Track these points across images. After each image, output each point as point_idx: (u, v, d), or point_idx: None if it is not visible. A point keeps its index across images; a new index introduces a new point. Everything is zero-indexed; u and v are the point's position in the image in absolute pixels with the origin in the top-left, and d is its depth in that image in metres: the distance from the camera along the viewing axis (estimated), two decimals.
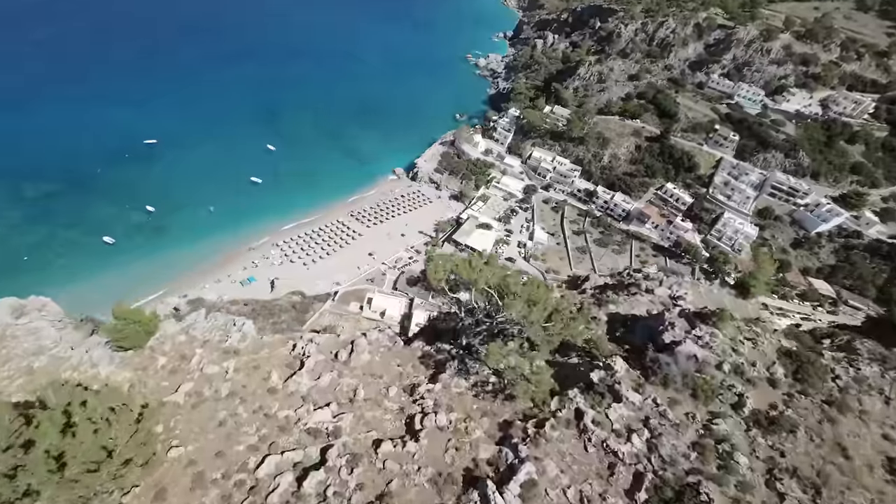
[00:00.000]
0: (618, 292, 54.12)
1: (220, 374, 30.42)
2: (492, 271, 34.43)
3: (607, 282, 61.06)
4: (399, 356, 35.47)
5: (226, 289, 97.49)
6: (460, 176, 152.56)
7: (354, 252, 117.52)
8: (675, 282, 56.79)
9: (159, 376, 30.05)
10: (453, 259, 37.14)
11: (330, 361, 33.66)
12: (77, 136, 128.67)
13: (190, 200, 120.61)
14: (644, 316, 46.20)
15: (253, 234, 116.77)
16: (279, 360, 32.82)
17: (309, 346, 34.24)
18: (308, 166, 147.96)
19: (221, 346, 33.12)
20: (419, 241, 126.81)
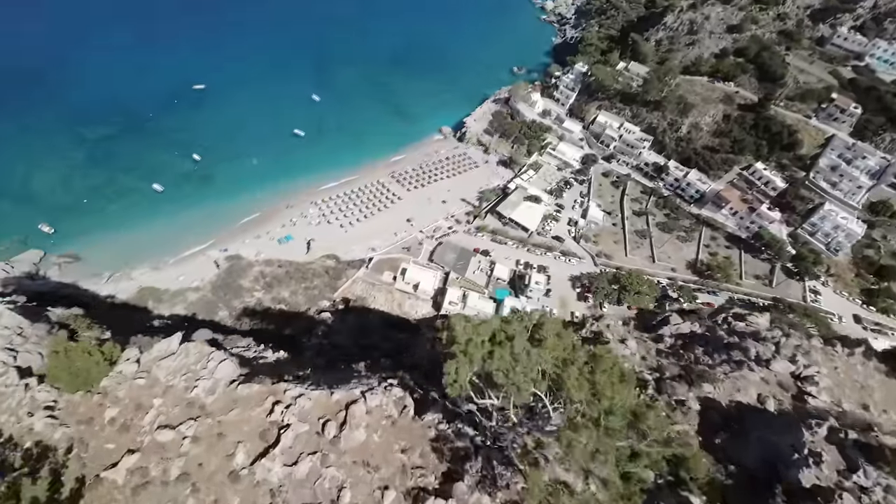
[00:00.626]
0: (713, 355, 39.21)
1: (174, 442, 23.80)
2: (550, 351, 23.33)
3: (695, 329, 46.73)
4: (405, 434, 26.21)
5: (264, 246, 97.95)
6: (511, 139, 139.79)
7: (392, 217, 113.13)
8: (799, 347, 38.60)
9: (105, 435, 24.05)
10: (484, 334, 23.78)
11: (314, 436, 24.86)
12: (132, 80, 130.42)
13: (234, 151, 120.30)
14: (757, 409, 32.68)
15: (293, 190, 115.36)
16: (252, 426, 25.07)
17: (291, 411, 25.93)
18: (352, 120, 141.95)
19: (186, 397, 26.33)
20: (461, 209, 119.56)
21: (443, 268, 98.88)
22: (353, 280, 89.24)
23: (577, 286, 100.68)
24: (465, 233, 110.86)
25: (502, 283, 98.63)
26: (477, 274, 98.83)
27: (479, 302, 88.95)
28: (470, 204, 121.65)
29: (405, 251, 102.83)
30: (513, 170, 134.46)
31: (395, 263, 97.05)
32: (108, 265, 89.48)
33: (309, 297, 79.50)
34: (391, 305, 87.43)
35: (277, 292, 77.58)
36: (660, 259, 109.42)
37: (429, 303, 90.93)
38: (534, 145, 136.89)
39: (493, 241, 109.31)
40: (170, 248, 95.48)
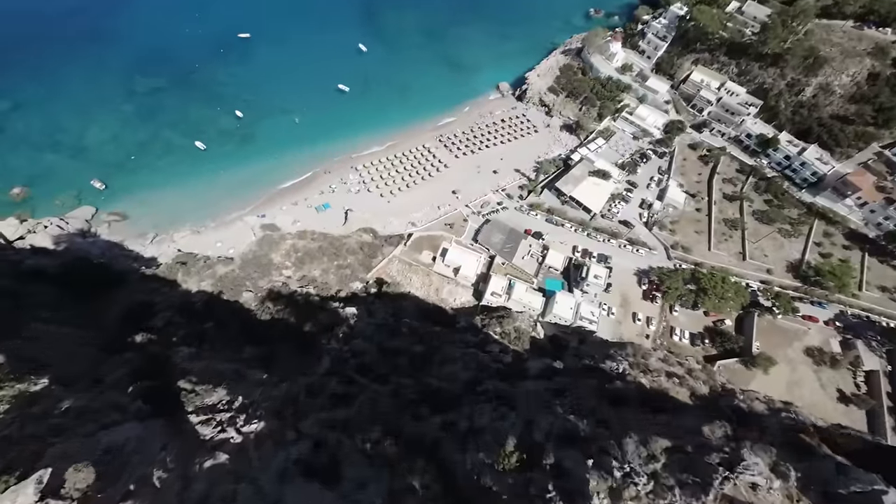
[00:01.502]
0: None
1: None
2: None
3: None
4: None
5: (301, 213, 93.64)
6: (580, 100, 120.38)
7: (437, 187, 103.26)
8: None
9: None
10: None
11: None
12: (180, 27, 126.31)
13: (276, 107, 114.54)
14: None
15: (333, 154, 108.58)
16: None
17: None
18: (399, 74, 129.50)
19: None
20: (513, 181, 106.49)
21: (488, 250, 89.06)
22: (389, 259, 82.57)
23: (644, 282, 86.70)
24: (517, 210, 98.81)
25: (554, 273, 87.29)
26: (526, 260, 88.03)
27: (526, 294, 79.03)
28: (524, 176, 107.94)
29: (447, 228, 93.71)
30: (578, 137, 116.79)
31: (435, 242, 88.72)
32: (153, 225, 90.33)
33: (341, 276, 74.22)
34: (427, 290, 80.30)
35: (308, 270, 72.95)
36: (752, 257, 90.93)
37: (469, 290, 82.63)
38: (606, 108, 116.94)
39: (548, 221, 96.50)
40: (210, 210, 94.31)
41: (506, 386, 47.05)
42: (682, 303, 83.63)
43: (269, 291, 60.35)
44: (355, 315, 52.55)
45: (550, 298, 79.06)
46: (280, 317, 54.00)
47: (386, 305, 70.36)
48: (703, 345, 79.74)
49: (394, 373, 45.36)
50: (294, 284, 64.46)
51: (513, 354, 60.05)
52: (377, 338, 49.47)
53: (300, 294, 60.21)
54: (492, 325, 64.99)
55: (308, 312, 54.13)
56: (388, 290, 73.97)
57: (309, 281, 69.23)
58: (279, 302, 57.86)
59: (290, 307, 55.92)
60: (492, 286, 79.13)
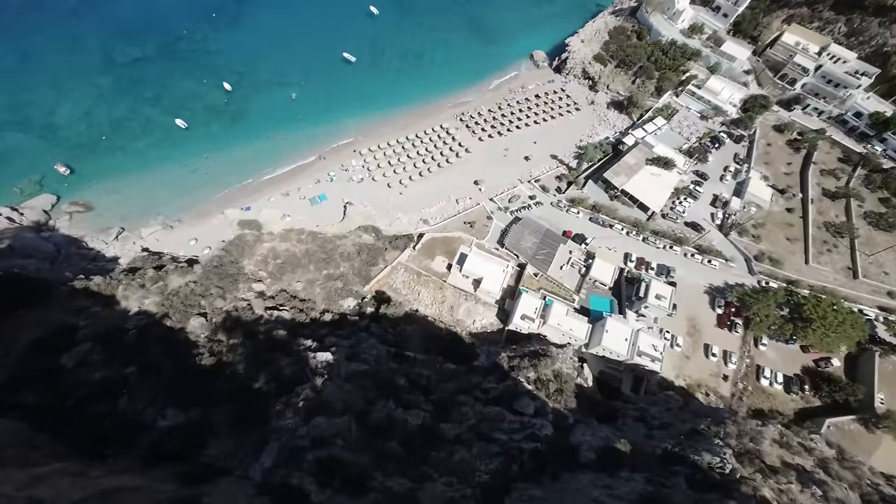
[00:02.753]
0: None
1: None
2: None
3: None
4: None
5: (292, 206, 78.85)
6: (634, 70, 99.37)
7: (455, 177, 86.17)
8: None
9: None
10: None
11: None
12: None
13: (271, 80, 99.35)
14: None
15: (335, 134, 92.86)
16: None
17: None
18: (415, 42, 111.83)
19: None
20: (549, 170, 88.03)
21: (517, 257, 71.98)
22: (393, 267, 66.88)
23: (719, 305, 67.87)
24: (554, 206, 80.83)
25: (601, 290, 69.54)
26: (565, 271, 70.51)
27: (566, 319, 61.82)
28: (563, 164, 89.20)
29: (467, 228, 76.92)
30: (630, 116, 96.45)
31: (451, 245, 72.27)
32: (120, 218, 77.77)
33: (330, 291, 59.15)
34: (439, 309, 64.34)
35: (288, 282, 58.18)
36: (867, 274, 70.14)
37: (493, 309, 66.12)
38: (668, 80, 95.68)
39: (594, 221, 78.19)
40: (188, 201, 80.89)
41: (549, 491, 31.01)
42: (771, 334, 64.53)
43: (227, 317, 45.78)
44: (329, 364, 37.05)
45: (598, 325, 61.66)
46: (229, 360, 39.26)
47: (383, 332, 54.89)
48: (801, 393, 60.88)
49: (378, 468, 29.94)
50: (261, 307, 49.61)
51: (552, 414, 43.68)
52: (357, 404, 33.94)
53: (264, 324, 45.32)
54: (523, 368, 48.60)
55: (267, 356, 39.09)
56: (389, 310, 58.34)
57: (286, 298, 54.40)
58: (235, 334, 43.19)
59: (247, 344, 41.09)
60: (522, 306, 62.26)
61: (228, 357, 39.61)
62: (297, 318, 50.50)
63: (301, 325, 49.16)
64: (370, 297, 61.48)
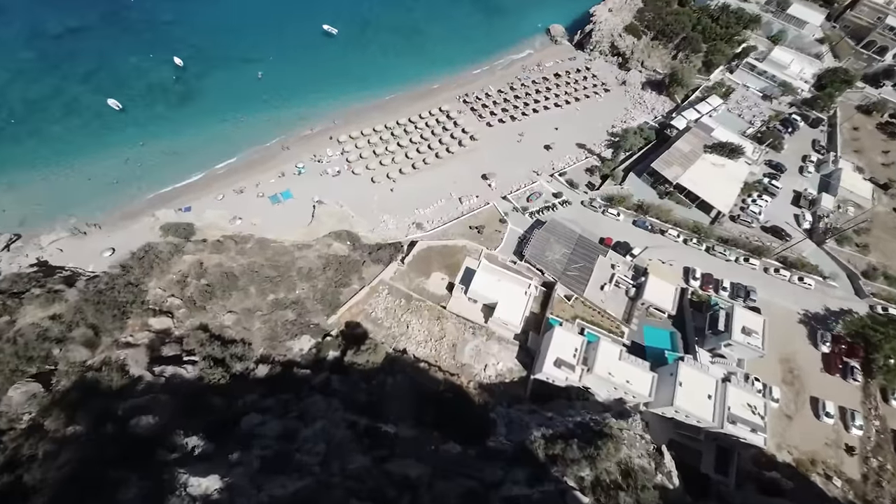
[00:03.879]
0: None
1: None
2: None
3: None
4: None
5: (246, 206, 61.05)
6: (676, 43, 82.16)
7: (458, 168, 68.41)
8: None
9: None
10: None
11: None
12: None
13: (234, 55, 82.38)
14: None
15: (308, 119, 75.52)
16: None
17: None
18: (409, 15, 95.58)
19: None
20: (577, 161, 70.26)
21: (541, 273, 53.71)
22: (373, 287, 48.61)
23: (824, 340, 49.31)
24: (586, 206, 62.84)
25: (659, 319, 51.12)
26: (608, 292, 52.19)
27: (619, 365, 43.10)
28: (592, 154, 71.43)
29: (474, 234, 58.79)
30: (673, 97, 78.94)
31: (453, 257, 54.11)
32: (19, 221, 59.87)
33: (275, 326, 40.81)
34: (437, 348, 45.83)
35: (213, 315, 39.85)
36: None
37: (511, 348, 47.55)
38: (719, 52, 78.36)
39: (639, 226, 60.10)
40: (111, 199, 63.15)
41: None
42: None
43: (78, 382, 27.28)
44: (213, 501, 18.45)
45: (665, 373, 43.08)
46: (32, 481, 20.69)
47: (351, 389, 36.42)
48: None
49: None
50: (145, 360, 31.08)
51: None
52: None
53: (140, 394, 26.84)
54: (570, 458, 29.97)
55: (101, 474, 20.52)
56: (362, 356, 39.65)
57: (203, 340, 35.84)
58: (78, 417, 24.64)
59: (83, 444, 22.50)
60: (555, 345, 43.66)
61: (34, 475, 21.03)
62: (210, 375, 31.98)
63: (210, 390, 30.61)
64: (336, 334, 43.01)
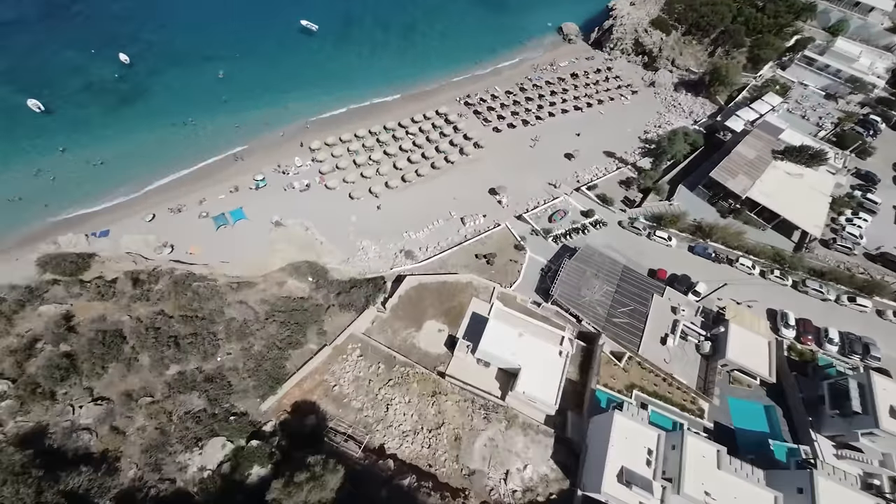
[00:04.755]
0: None
1: None
2: None
3: None
4: None
5: (181, 228, 46.69)
6: (713, 38, 70.39)
7: (459, 181, 54.49)
8: None
9: None
10: None
11: None
12: None
13: (194, 50, 70.13)
14: None
15: (275, 122, 62.14)
16: None
17: None
18: (403, 12, 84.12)
19: None
20: (606, 172, 56.54)
21: (577, 320, 38.66)
22: (338, 348, 33.37)
23: None
24: (626, 228, 48.58)
25: (747, 387, 35.79)
26: (673, 346, 37.07)
27: (720, 478, 27.41)
28: (625, 164, 57.90)
29: (482, 265, 44.03)
30: (715, 98, 66.34)
31: (455, 298, 39.23)
32: None
33: (167, 422, 25.16)
34: (432, 443, 30.27)
35: (65, 405, 24.17)
36: None
37: (544, 441, 31.88)
38: (768, 46, 66.32)
39: (698, 253, 45.66)
40: (7, 221, 48.44)
41: None
42: None
43: None
44: None
45: (786, 485, 27.43)
46: None
47: None
48: None
49: None
50: None
51: None
52: None
53: None
54: None
55: None
56: (299, 491, 23.79)
57: (20, 462, 19.91)
58: None
59: None
60: (617, 446, 28.10)
61: None
62: None
63: None
64: (272, 429, 27.48)
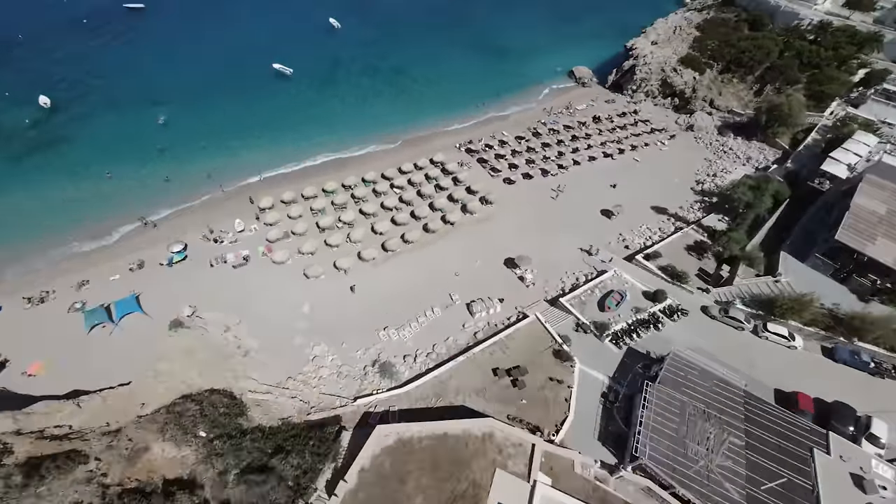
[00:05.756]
0: None
1: None
2: None
3: None
4: None
5: (31, 331, 29.93)
6: (759, 74, 59.58)
7: (462, 249, 38.93)
8: None
9: None
10: None
11: None
12: None
13: (133, 95, 58.39)
14: None
15: (218, 178, 47.66)
16: None
17: None
18: (393, 56, 74.77)
19: None
20: (660, 233, 41.42)
21: (673, 489, 20.53)
22: None
23: None
24: (716, 317, 31.92)
25: None
26: None
27: None
28: (685, 222, 43.00)
29: (505, 389, 26.60)
30: (775, 141, 53.67)
31: (461, 469, 21.37)
32: None
33: None
34: None
35: None
36: None
37: None
38: (833, 80, 54.98)
39: (843, 360, 28.50)
40: None
41: None
42: None
43: None
44: None
45: None
46: None
47: None
48: None
49: None
50: None
51: None
52: None
53: None
54: None
55: None
56: None
57: None
58: None
59: None
60: None
61: None
62: None
63: None
64: None
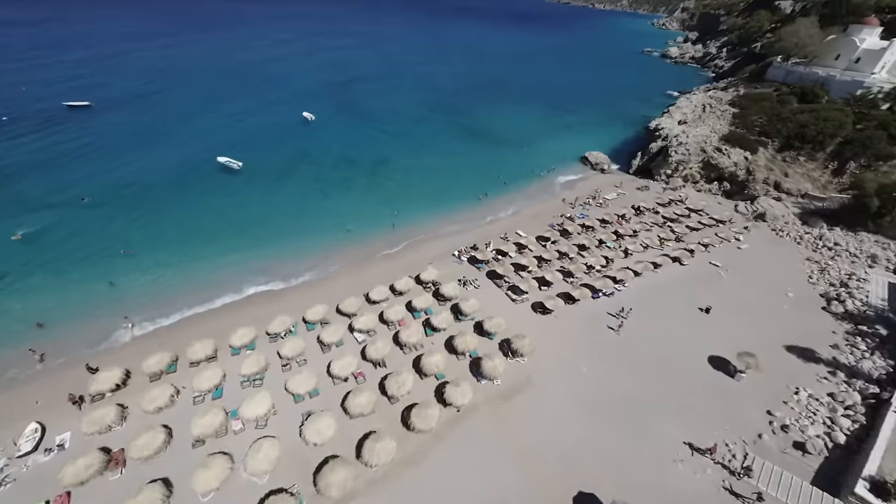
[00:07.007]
0: None
1: None
2: None
3: None
4: None
5: None
6: (831, 150, 47.28)
7: (481, 473, 19.80)
8: None
9: None
10: None
11: None
12: None
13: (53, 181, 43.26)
14: None
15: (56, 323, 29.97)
16: None
17: None
18: (372, 148, 63.53)
19: None
20: (836, 405, 23.03)
21: None
22: None
23: None
24: None
25: None
26: None
27: None
28: (870, 383, 24.76)
29: None
30: (889, 232, 38.38)
31: None
32: None
33: None
34: None
35: None
36: None
37: None
38: None
39: None
40: None
41: None
42: None
43: None
44: None
45: None
46: None
47: None
48: None
49: None
50: None
51: None
52: None
53: None
54: None
55: None
56: None
57: None
58: None
59: None
60: None
61: None
62: None
63: None
64: None
